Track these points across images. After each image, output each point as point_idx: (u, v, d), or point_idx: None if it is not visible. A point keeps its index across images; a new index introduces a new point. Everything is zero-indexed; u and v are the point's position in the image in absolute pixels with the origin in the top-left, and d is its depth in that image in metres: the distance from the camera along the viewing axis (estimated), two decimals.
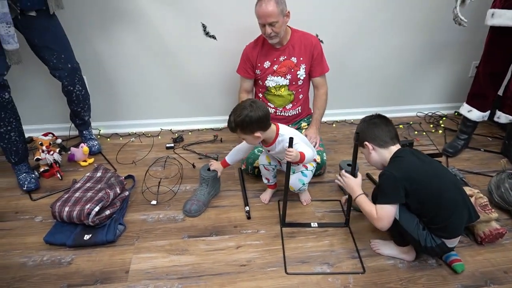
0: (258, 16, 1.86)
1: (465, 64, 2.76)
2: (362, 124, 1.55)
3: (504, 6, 1.93)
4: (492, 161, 2.26)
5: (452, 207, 1.37)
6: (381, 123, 1.51)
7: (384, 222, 1.40)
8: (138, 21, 2.23)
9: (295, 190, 1.78)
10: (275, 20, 1.82)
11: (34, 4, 1.76)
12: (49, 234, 1.62)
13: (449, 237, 1.40)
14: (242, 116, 1.53)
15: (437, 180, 1.39)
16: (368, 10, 2.40)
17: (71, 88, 2.04)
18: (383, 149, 1.48)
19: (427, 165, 1.44)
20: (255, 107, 1.53)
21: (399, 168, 1.40)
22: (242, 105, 1.56)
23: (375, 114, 1.56)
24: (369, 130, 1.50)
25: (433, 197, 1.37)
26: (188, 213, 1.78)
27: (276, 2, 1.81)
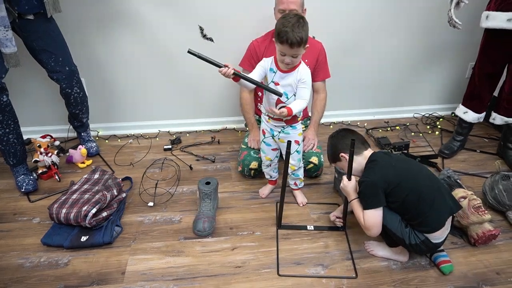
0: (281, 1, 1.86)
1: (461, 65, 2.77)
2: (332, 140, 1.64)
3: (498, 8, 1.94)
4: (487, 162, 2.27)
5: (430, 200, 1.41)
6: (347, 133, 1.61)
7: (373, 230, 1.44)
8: (135, 23, 2.24)
9: (296, 168, 1.82)
10: (296, 8, 1.86)
11: (32, 7, 1.78)
12: (46, 236, 1.64)
13: (431, 231, 1.42)
14: (306, 29, 1.47)
15: (412, 176, 1.46)
16: (365, 12, 2.42)
17: (69, 91, 2.05)
18: (358, 156, 1.54)
19: (401, 163, 1.51)
20: (302, 19, 1.48)
21: (375, 172, 1.46)
22: (291, 18, 1.46)
23: (338, 129, 1.68)
24: (340, 142, 1.59)
25: (411, 193, 1.41)
26: (203, 232, 1.68)
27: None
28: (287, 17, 1.47)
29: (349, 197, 1.55)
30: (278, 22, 1.50)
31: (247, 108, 2.12)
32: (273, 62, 1.61)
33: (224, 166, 2.24)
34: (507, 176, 1.82)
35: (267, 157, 1.85)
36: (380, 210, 1.43)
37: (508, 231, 1.73)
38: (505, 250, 1.64)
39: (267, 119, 1.74)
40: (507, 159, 2.24)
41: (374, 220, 1.43)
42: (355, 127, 2.72)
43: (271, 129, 1.74)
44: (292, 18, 1.46)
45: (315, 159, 2.02)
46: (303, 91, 1.59)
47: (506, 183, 1.79)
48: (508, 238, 1.70)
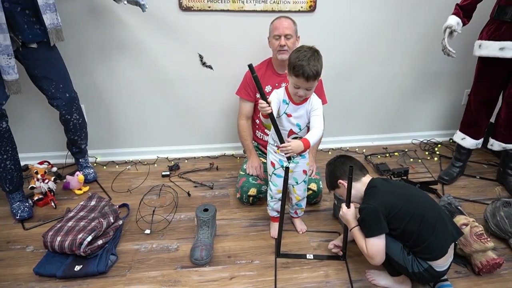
0: (275, 28, 1.94)
1: (458, 92, 2.81)
2: (329, 167, 1.63)
3: (490, 38, 2.00)
4: (488, 188, 2.26)
5: (432, 226, 1.38)
6: (345, 160, 1.60)
7: (377, 258, 1.41)
8: (135, 51, 2.29)
9: (301, 198, 1.79)
10: (290, 33, 1.93)
11: (36, 36, 1.82)
12: (39, 265, 1.59)
13: (434, 258, 1.38)
14: (321, 62, 1.47)
15: (413, 202, 1.43)
16: (363, 41, 2.48)
17: (69, 117, 2.06)
18: (356, 183, 1.53)
19: (401, 189, 1.50)
20: (316, 52, 1.47)
21: (375, 198, 1.44)
22: (306, 51, 1.45)
23: (336, 155, 1.66)
24: (338, 169, 1.58)
25: (412, 219, 1.39)
26: (200, 260, 1.64)
27: (292, 21, 1.98)
28: (302, 50, 1.46)
29: (349, 225, 1.52)
30: (292, 55, 1.48)
31: (244, 135, 2.13)
32: (285, 93, 1.59)
33: (222, 192, 2.22)
34: (508, 202, 1.81)
35: (279, 190, 1.72)
36: (383, 238, 1.40)
37: None
38: (511, 279, 1.59)
39: (275, 150, 1.70)
40: (507, 185, 2.23)
41: (378, 248, 1.40)
42: (354, 153, 2.72)
43: (280, 160, 1.70)
44: (307, 51, 1.46)
45: (314, 185, 2.00)
46: (316, 119, 1.56)
47: (507, 209, 1.77)
48: None
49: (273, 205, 1.80)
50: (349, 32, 2.44)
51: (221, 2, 2.21)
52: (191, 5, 2.20)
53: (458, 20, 2.05)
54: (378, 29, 2.46)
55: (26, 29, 1.77)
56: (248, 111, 2.15)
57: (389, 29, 2.47)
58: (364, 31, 2.45)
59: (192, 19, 2.24)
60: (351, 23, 2.41)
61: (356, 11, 2.38)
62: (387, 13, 2.42)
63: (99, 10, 2.16)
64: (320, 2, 2.31)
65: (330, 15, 2.36)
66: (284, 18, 1.97)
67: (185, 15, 2.23)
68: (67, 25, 2.06)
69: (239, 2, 2.22)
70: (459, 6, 2.07)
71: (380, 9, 2.40)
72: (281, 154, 1.65)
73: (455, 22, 2.04)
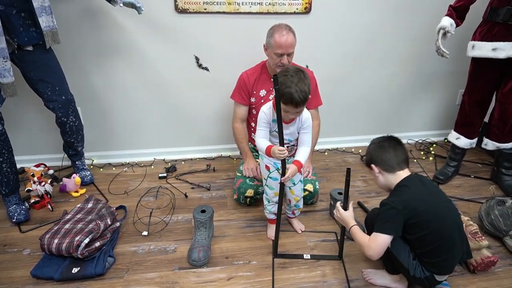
0: (280, 46, 1.85)
1: (452, 93, 2.84)
2: (370, 146, 1.53)
3: (483, 38, 2.02)
4: (482, 188, 2.28)
5: (449, 247, 1.36)
6: (389, 146, 1.46)
7: (375, 251, 1.37)
8: (131, 53, 2.29)
9: (299, 199, 1.80)
10: (293, 50, 1.91)
11: (32, 39, 1.82)
12: (36, 268, 1.59)
13: (439, 273, 1.40)
14: (308, 83, 1.46)
15: (441, 216, 1.36)
16: (358, 42, 2.50)
17: (65, 120, 2.06)
18: (390, 174, 1.45)
19: (434, 198, 1.41)
20: (302, 74, 1.46)
21: (402, 200, 1.36)
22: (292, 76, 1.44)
23: (386, 136, 1.51)
24: (376, 153, 1.48)
25: (432, 233, 1.34)
26: (198, 262, 1.64)
27: (293, 34, 1.91)
28: (288, 75, 1.44)
29: (347, 225, 1.51)
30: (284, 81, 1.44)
31: (240, 137, 2.13)
32: (274, 112, 1.54)
33: (219, 194, 2.22)
34: (502, 201, 1.83)
35: (275, 192, 1.73)
36: (390, 238, 1.36)
37: (506, 258, 1.72)
38: (505, 277, 1.61)
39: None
40: (501, 184, 2.26)
41: (382, 246, 1.36)
42: (350, 154, 2.74)
43: (275, 163, 1.69)
44: (293, 76, 1.44)
45: (310, 186, 2.02)
46: (306, 136, 1.63)
47: (501, 208, 1.79)
48: (507, 264, 1.68)
49: (270, 208, 1.80)
50: (344, 33, 2.46)
51: (217, 4, 2.22)
52: (187, 7, 2.20)
53: (451, 21, 2.07)
54: (373, 31, 2.48)
55: (22, 32, 1.77)
56: (243, 115, 2.15)
57: (383, 31, 2.49)
58: (359, 33, 2.47)
59: (188, 21, 2.25)
60: (346, 24, 2.43)
61: (351, 12, 2.40)
62: (381, 15, 2.44)
63: (95, 13, 2.16)
64: (315, 3, 2.33)
65: (325, 16, 2.38)
66: (286, 31, 1.87)
67: (181, 17, 2.24)
68: (63, 28, 2.06)
69: (234, 4, 2.23)
70: (452, 8, 2.09)
71: (374, 10, 2.42)
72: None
73: (448, 23, 2.06)
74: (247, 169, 2.07)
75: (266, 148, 1.57)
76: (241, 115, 2.15)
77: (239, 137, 2.14)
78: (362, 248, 1.43)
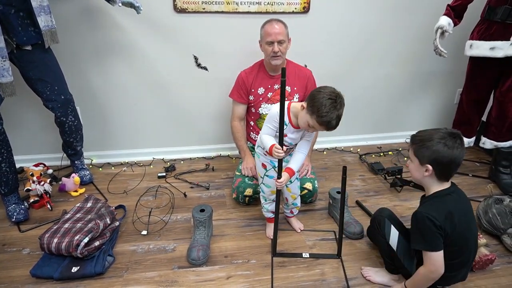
0: (268, 34, 1.91)
1: (450, 92, 2.85)
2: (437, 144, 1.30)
3: (481, 38, 2.03)
4: (480, 186, 2.29)
5: (461, 266, 1.38)
6: (457, 153, 1.30)
7: (438, 269, 1.31)
8: (130, 53, 2.29)
9: (296, 196, 1.80)
10: (283, 38, 1.92)
11: (30, 38, 1.82)
12: (36, 267, 1.60)
13: (439, 284, 1.40)
14: (342, 108, 1.43)
15: (467, 238, 1.35)
16: (356, 41, 2.50)
17: (64, 119, 2.06)
18: (438, 181, 1.37)
19: (468, 217, 1.37)
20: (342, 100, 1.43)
21: (443, 214, 1.30)
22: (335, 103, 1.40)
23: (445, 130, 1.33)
24: (425, 145, 1.33)
25: (453, 252, 1.33)
26: (197, 261, 1.65)
27: (284, 25, 1.95)
28: (332, 98, 1.39)
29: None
30: (322, 99, 1.39)
31: (238, 136, 2.14)
32: (289, 121, 1.56)
33: (218, 193, 2.23)
34: (500, 199, 1.84)
35: (272, 191, 1.74)
36: (442, 252, 1.30)
37: (504, 256, 1.73)
38: (503, 275, 1.62)
39: (266, 152, 1.66)
40: (499, 182, 2.27)
41: (440, 262, 1.30)
42: (349, 153, 2.74)
43: (271, 161, 1.69)
44: (337, 102, 1.40)
45: (309, 185, 2.02)
46: (305, 144, 1.62)
47: (499, 206, 1.80)
48: (505, 262, 1.69)
49: (268, 206, 1.81)
50: (343, 33, 2.46)
51: (216, 3, 2.22)
52: (186, 7, 2.21)
53: (449, 21, 2.08)
54: (371, 30, 2.49)
55: (20, 31, 1.77)
56: (241, 113, 2.17)
57: (382, 30, 2.50)
58: (357, 32, 2.48)
59: (187, 20, 2.25)
60: (345, 24, 2.44)
61: (350, 12, 2.40)
62: (380, 14, 2.45)
63: (94, 12, 2.16)
64: (313, 3, 2.33)
65: (323, 16, 2.38)
66: (275, 22, 1.93)
67: (179, 16, 2.24)
68: (62, 27, 2.06)
69: (233, 3, 2.24)
70: (450, 7, 2.10)
71: (373, 10, 2.43)
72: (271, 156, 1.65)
73: (446, 23, 2.07)
74: (246, 168, 2.07)
75: (270, 146, 1.53)
76: (240, 113, 2.16)
77: (237, 135, 2.14)
78: (426, 280, 1.36)
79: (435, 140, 1.31)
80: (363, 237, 1.83)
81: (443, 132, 1.33)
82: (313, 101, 1.41)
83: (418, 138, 1.37)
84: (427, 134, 1.35)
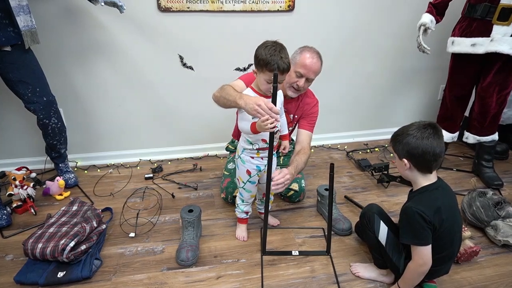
0: (303, 66, 1.74)
1: (434, 88, 2.90)
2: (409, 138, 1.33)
3: (462, 34, 2.07)
4: (464, 180, 2.34)
5: (447, 260, 1.42)
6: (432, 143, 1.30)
7: (426, 263, 1.34)
8: (113, 53, 2.26)
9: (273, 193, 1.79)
10: (313, 77, 1.80)
11: (10, 39, 1.77)
12: (20, 273, 1.55)
13: (426, 278, 1.43)
14: (287, 53, 1.47)
15: (454, 232, 1.38)
16: (341, 39, 2.53)
17: (47, 121, 2.02)
18: (421, 174, 1.38)
19: (455, 211, 1.40)
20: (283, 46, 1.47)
21: (432, 209, 1.31)
22: (274, 47, 1.44)
23: (427, 123, 1.34)
24: (402, 144, 1.35)
25: (440, 246, 1.35)
26: (186, 261, 1.63)
27: (321, 64, 1.80)
28: (269, 46, 1.45)
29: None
30: (261, 52, 1.45)
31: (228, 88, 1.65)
32: (253, 92, 1.55)
33: (206, 193, 2.22)
34: (483, 193, 1.88)
35: (252, 195, 1.75)
36: (430, 247, 1.33)
37: (488, 247, 1.77)
38: (487, 266, 1.66)
39: (255, 154, 1.63)
40: (482, 176, 2.32)
41: (428, 256, 1.33)
42: (336, 150, 2.76)
43: (257, 165, 1.65)
44: (275, 46, 1.45)
45: (295, 185, 2.03)
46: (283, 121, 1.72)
47: (482, 199, 1.84)
48: (489, 254, 1.73)
49: (243, 208, 1.77)
50: (327, 31, 2.48)
51: (200, 2, 2.21)
52: (170, 6, 2.19)
53: (431, 18, 2.12)
54: (355, 28, 2.51)
55: None
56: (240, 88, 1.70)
57: (366, 28, 2.53)
58: (342, 30, 2.50)
59: (171, 20, 2.23)
60: (329, 22, 2.45)
61: (334, 10, 2.42)
62: (364, 13, 2.47)
63: (76, 12, 2.12)
64: (298, 1, 2.34)
65: (308, 14, 2.39)
66: (317, 59, 1.78)
67: (164, 16, 2.21)
68: (43, 27, 2.01)
69: (218, 2, 2.23)
70: (432, 4, 2.14)
71: (357, 8, 2.45)
72: (260, 158, 1.64)
73: (428, 20, 2.11)
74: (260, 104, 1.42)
75: (250, 125, 1.48)
76: (238, 87, 1.70)
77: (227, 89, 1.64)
78: (416, 274, 1.38)
79: (405, 134, 1.34)
80: (352, 233, 1.85)
81: (415, 125, 1.35)
82: (257, 58, 1.48)
83: (394, 134, 1.41)
84: (401, 129, 1.39)
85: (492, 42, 1.96)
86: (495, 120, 2.22)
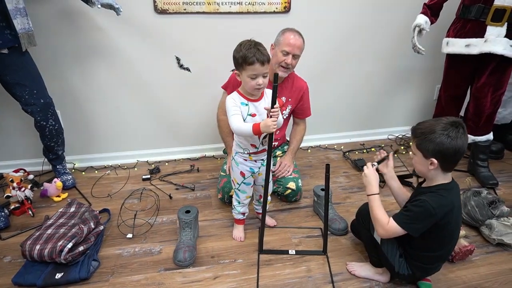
0: (288, 44, 1.83)
1: (429, 88, 2.92)
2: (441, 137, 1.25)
3: (456, 35, 2.10)
4: (459, 179, 2.29)
5: (444, 259, 1.44)
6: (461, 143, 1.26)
7: (387, 235, 1.37)
8: (111, 55, 2.27)
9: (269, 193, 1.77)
10: (299, 54, 1.88)
11: (7, 42, 1.78)
12: (18, 275, 1.56)
13: (421, 276, 1.46)
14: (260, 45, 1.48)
15: (455, 232, 1.40)
16: (337, 41, 2.54)
17: (44, 123, 2.03)
18: (442, 173, 1.33)
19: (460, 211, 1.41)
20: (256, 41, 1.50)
21: (443, 207, 1.29)
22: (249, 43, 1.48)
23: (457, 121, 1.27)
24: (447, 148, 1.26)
25: (441, 243, 1.37)
26: (183, 262, 1.64)
27: (303, 40, 1.89)
28: (243, 44, 1.48)
29: (370, 190, 1.42)
30: (237, 51, 1.49)
31: (226, 131, 2.03)
32: (240, 95, 1.55)
33: (204, 194, 2.23)
34: (478, 192, 1.90)
35: (247, 196, 1.76)
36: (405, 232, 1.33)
37: (483, 246, 1.78)
38: (482, 265, 1.68)
39: (248, 157, 1.65)
40: (477, 175, 2.34)
41: (394, 234, 1.35)
42: (332, 150, 2.78)
43: (251, 167, 1.67)
44: (249, 41, 1.49)
45: (292, 184, 2.04)
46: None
47: (477, 199, 1.86)
48: (484, 253, 1.75)
49: (240, 209, 1.79)
50: (324, 32, 2.49)
51: (197, 4, 2.22)
52: (167, 8, 2.20)
53: (426, 19, 2.13)
54: (351, 29, 2.53)
55: None
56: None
57: (362, 29, 2.54)
58: (338, 31, 2.51)
59: (168, 21, 2.24)
60: (325, 23, 2.47)
61: (330, 12, 2.44)
62: (359, 14, 2.49)
63: (73, 14, 2.13)
64: (294, 3, 2.35)
65: (304, 16, 2.40)
66: (299, 36, 1.87)
67: (160, 18, 2.23)
68: (40, 30, 2.02)
69: (214, 4, 2.24)
70: (426, 6, 2.16)
71: (353, 10, 2.47)
72: (253, 161, 1.66)
73: (423, 21, 2.13)
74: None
75: (253, 126, 1.47)
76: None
77: (226, 130, 2.03)
78: (376, 224, 1.38)
79: (438, 132, 1.26)
80: (348, 233, 1.86)
81: (444, 122, 1.27)
82: (235, 58, 1.50)
83: (420, 131, 1.31)
84: (428, 126, 1.30)
85: (486, 43, 1.98)
86: (490, 120, 2.24)
